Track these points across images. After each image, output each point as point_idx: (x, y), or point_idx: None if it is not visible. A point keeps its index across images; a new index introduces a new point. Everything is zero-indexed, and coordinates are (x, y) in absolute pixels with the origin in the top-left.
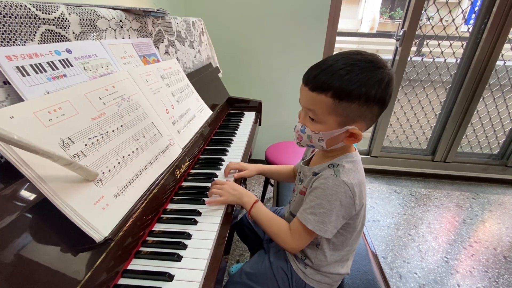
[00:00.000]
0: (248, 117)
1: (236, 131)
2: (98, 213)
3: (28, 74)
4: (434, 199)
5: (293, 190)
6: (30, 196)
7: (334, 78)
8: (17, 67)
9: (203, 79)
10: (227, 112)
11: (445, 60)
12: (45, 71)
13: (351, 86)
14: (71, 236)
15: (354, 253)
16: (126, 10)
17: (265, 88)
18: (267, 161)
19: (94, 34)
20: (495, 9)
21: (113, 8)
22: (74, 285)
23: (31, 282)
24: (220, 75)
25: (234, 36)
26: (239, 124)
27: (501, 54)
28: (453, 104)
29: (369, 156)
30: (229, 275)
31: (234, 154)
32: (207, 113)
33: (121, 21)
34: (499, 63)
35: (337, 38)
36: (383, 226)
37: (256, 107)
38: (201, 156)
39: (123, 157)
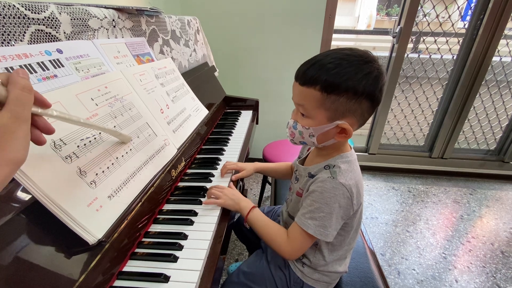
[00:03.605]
0: (245, 116)
1: (233, 130)
2: (92, 215)
3: None
4: (432, 196)
5: (289, 188)
6: (22, 198)
7: (322, 72)
8: (6, 69)
9: (199, 78)
10: (224, 111)
11: (442, 56)
12: (35, 72)
13: (339, 79)
14: (64, 238)
15: (352, 251)
16: (118, 9)
17: (262, 86)
18: (264, 160)
19: (86, 33)
20: (490, 5)
21: (105, 7)
22: None
23: (24, 285)
24: (216, 74)
25: (230, 34)
26: (236, 123)
27: (497, 50)
28: (450, 100)
29: (366, 154)
30: (228, 274)
31: (231, 153)
32: (203, 112)
33: (113, 20)
34: (495, 59)
35: (334, 35)
36: (381, 223)
37: (253, 105)
38: (198, 156)
39: (117, 158)
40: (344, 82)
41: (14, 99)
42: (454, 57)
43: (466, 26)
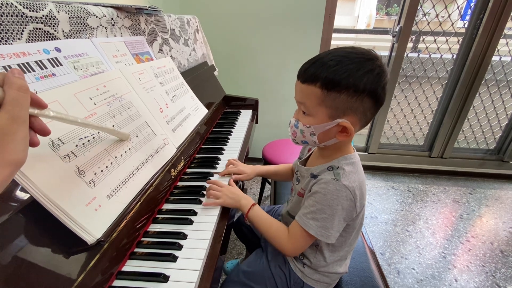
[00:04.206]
0: (245, 115)
1: (232, 130)
2: (90, 215)
3: None
4: (431, 195)
5: (291, 189)
6: (20, 197)
7: (322, 69)
8: (4, 67)
9: (198, 77)
10: (224, 110)
11: (441, 56)
12: (33, 70)
13: (339, 76)
14: (63, 238)
15: (352, 252)
16: (117, 8)
17: (261, 86)
18: (264, 159)
19: (85, 32)
20: (490, 4)
21: (104, 6)
22: None
23: (22, 285)
24: (216, 73)
25: (229, 33)
26: (236, 122)
27: (496, 49)
28: (449, 100)
29: (366, 153)
30: (224, 272)
31: (231, 152)
32: (203, 111)
33: (112, 19)
34: (494, 58)
35: (334, 35)
36: (381, 222)
37: (253, 105)
38: (197, 155)
39: (116, 157)
40: (345, 79)
41: (11, 100)
42: (454, 57)
43: (465, 26)
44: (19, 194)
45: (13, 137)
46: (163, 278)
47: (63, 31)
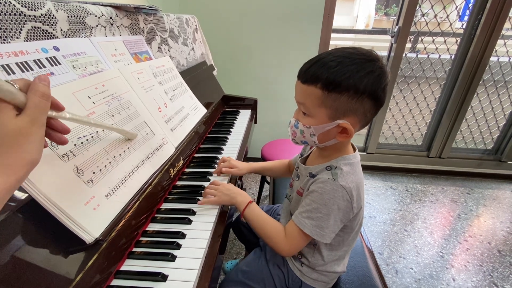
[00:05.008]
0: (244, 115)
1: (231, 129)
2: (89, 214)
3: (14, 73)
4: (430, 195)
5: (290, 185)
6: (18, 196)
7: (323, 70)
8: (2, 66)
9: (197, 77)
10: (222, 110)
11: (440, 56)
12: (32, 69)
13: (340, 77)
14: (61, 237)
15: (350, 251)
16: (116, 7)
17: (260, 85)
18: (263, 159)
19: (83, 31)
20: (488, 5)
21: (102, 5)
22: None
23: (20, 285)
24: (215, 73)
25: (228, 33)
26: (235, 122)
27: (494, 50)
28: (447, 100)
29: (365, 153)
30: (224, 272)
31: (230, 152)
32: (202, 111)
33: (111, 18)
34: (492, 59)
35: (332, 35)
36: (379, 222)
37: (252, 105)
38: (196, 155)
39: (114, 156)
40: (345, 80)
41: (33, 105)
42: (452, 57)
43: (464, 26)
44: (17, 193)
45: (31, 138)
46: (162, 277)
47: (61, 30)
